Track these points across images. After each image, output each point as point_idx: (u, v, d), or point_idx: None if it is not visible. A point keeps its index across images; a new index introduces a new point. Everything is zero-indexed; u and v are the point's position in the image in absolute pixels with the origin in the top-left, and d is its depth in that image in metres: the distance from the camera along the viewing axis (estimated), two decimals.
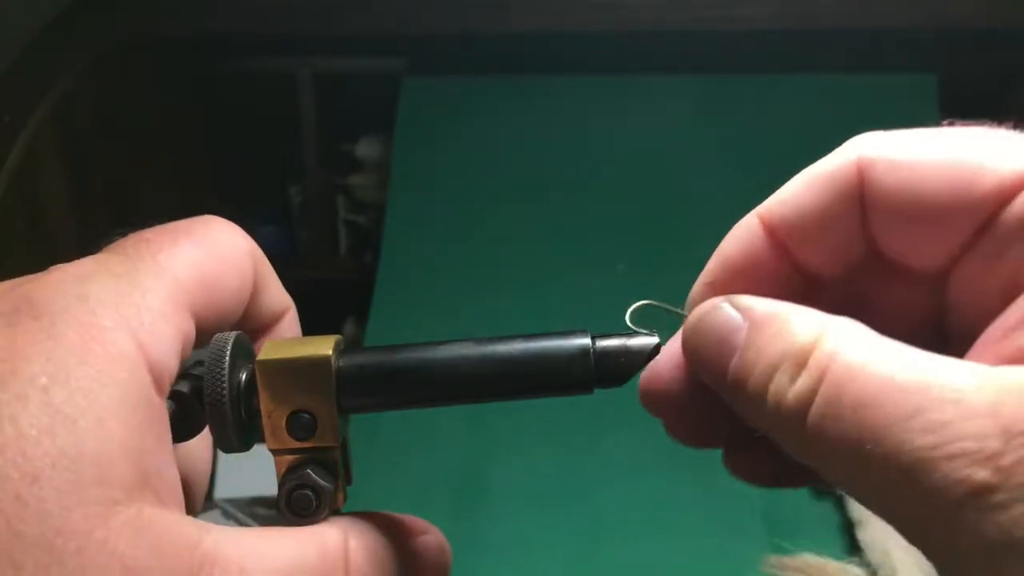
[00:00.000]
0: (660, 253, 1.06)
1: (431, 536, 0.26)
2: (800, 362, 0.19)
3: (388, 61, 1.32)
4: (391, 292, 1.13)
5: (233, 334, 0.24)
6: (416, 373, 0.24)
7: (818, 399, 0.19)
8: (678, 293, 0.27)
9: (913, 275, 0.23)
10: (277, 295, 0.28)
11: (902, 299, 0.24)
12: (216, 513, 1.11)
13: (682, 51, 1.23)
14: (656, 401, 0.25)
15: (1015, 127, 0.21)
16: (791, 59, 1.20)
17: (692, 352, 0.23)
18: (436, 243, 1.18)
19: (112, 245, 0.24)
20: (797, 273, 0.24)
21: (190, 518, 0.21)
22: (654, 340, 0.24)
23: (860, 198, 0.22)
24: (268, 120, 1.41)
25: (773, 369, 0.20)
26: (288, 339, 0.27)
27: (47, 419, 0.19)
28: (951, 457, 0.17)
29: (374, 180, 1.41)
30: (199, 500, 0.27)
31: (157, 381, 0.22)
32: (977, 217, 0.20)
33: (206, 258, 0.24)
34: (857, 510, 0.78)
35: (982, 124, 0.22)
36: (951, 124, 0.22)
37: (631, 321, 0.25)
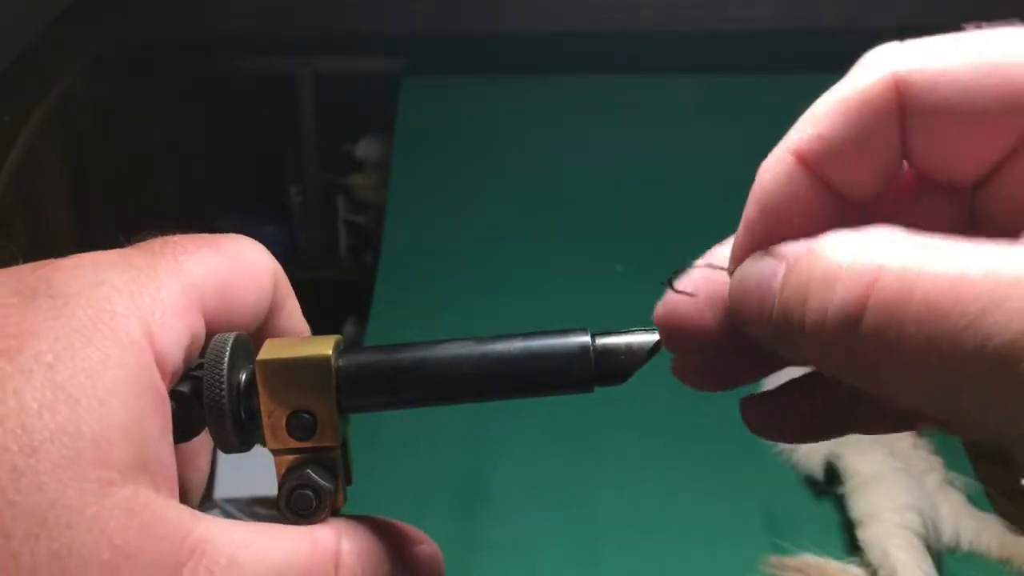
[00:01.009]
0: (659, 253, 1.06)
1: (425, 547, 0.26)
2: (835, 279, 0.19)
3: (388, 61, 1.33)
4: (391, 292, 1.13)
5: (233, 334, 0.24)
6: (416, 372, 0.24)
7: (870, 311, 0.18)
8: None
9: (951, 188, 0.22)
10: (295, 319, 0.28)
11: (937, 214, 0.23)
12: (216, 513, 1.11)
13: (682, 51, 1.23)
14: (676, 338, 0.24)
15: None
16: (791, 59, 1.20)
17: (737, 307, 0.22)
18: (436, 243, 1.18)
19: (139, 243, 0.24)
20: (835, 201, 0.23)
21: (185, 506, 0.21)
22: (654, 337, 0.24)
23: (899, 116, 0.21)
24: (268, 120, 1.41)
25: (806, 295, 0.19)
26: (288, 339, 0.27)
27: (50, 395, 0.19)
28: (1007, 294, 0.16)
29: (374, 180, 1.41)
30: (194, 503, 0.27)
31: (163, 372, 0.22)
32: (1021, 120, 0.20)
33: (226, 267, 0.25)
34: (857, 510, 0.78)
35: (1008, 24, 0.21)
36: (977, 27, 0.22)
37: (673, 287, 0.24)
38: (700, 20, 1.16)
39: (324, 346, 0.24)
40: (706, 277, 0.24)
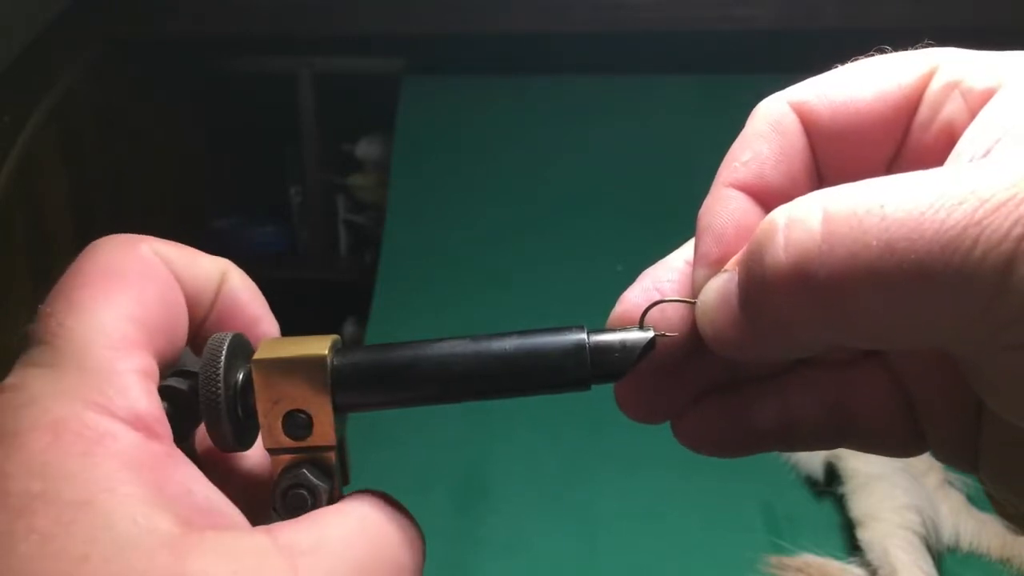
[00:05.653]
0: (660, 253, 1.06)
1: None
2: (775, 229, 0.19)
3: (388, 61, 1.33)
4: (391, 292, 1.13)
5: (230, 334, 0.24)
6: (412, 371, 0.24)
7: (822, 244, 0.18)
8: None
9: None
10: (205, 271, 0.26)
11: None
12: None
13: (682, 51, 1.23)
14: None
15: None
16: (791, 59, 1.19)
17: (707, 325, 0.23)
18: (436, 243, 1.18)
19: (31, 336, 0.22)
20: None
21: (252, 529, 0.21)
22: (650, 334, 0.24)
23: (804, 131, 0.24)
24: (268, 120, 1.41)
25: (761, 253, 0.19)
26: (285, 338, 0.27)
27: (87, 538, 0.18)
28: (995, 210, 0.16)
29: (374, 180, 1.41)
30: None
31: (148, 431, 0.21)
32: (899, 126, 0.23)
33: (120, 298, 0.23)
34: (857, 510, 0.78)
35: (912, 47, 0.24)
36: (880, 51, 0.25)
37: (642, 324, 0.24)
38: (700, 20, 1.16)
39: (320, 346, 0.24)
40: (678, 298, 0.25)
